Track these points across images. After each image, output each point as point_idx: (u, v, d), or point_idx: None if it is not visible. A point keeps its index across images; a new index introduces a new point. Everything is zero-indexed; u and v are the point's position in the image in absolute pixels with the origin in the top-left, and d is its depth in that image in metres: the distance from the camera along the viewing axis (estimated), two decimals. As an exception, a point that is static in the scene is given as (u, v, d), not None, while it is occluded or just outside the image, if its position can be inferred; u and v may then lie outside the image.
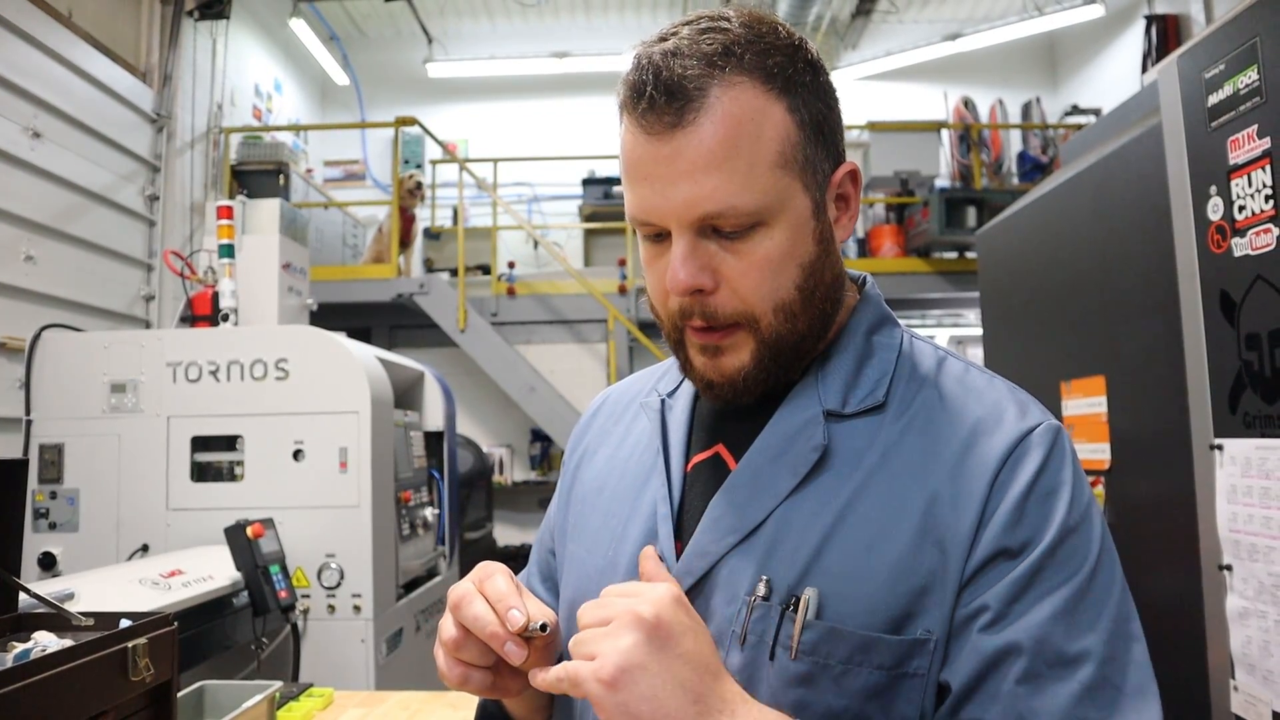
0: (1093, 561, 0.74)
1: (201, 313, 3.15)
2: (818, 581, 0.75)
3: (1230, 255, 1.54)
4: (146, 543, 2.79)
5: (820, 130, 0.80)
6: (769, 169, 0.76)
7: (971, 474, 0.76)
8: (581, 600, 0.90)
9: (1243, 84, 1.50)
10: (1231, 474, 1.55)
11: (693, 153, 0.74)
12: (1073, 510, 0.75)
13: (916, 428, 0.80)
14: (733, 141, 0.74)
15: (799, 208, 0.79)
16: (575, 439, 1.08)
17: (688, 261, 0.77)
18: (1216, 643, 1.58)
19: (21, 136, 4.08)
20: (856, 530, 0.76)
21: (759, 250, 0.77)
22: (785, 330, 0.80)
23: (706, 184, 0.74)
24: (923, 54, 8.23)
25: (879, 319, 0.89)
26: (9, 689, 0.91)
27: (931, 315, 8.28)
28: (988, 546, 0.74)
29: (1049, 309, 2.38)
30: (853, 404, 0.82)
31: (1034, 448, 0.77)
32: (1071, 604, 0.72)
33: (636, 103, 0.76)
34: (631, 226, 0.84)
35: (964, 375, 0.85)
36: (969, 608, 0.73)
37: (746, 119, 0.75)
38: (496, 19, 8.70)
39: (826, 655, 0.73)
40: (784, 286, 0.79)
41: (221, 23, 6.14)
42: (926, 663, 0.73)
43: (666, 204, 0.76)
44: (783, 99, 0.77)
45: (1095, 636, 0.71)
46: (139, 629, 1.11)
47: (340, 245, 7.24)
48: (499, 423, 7.50)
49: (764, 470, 0.81)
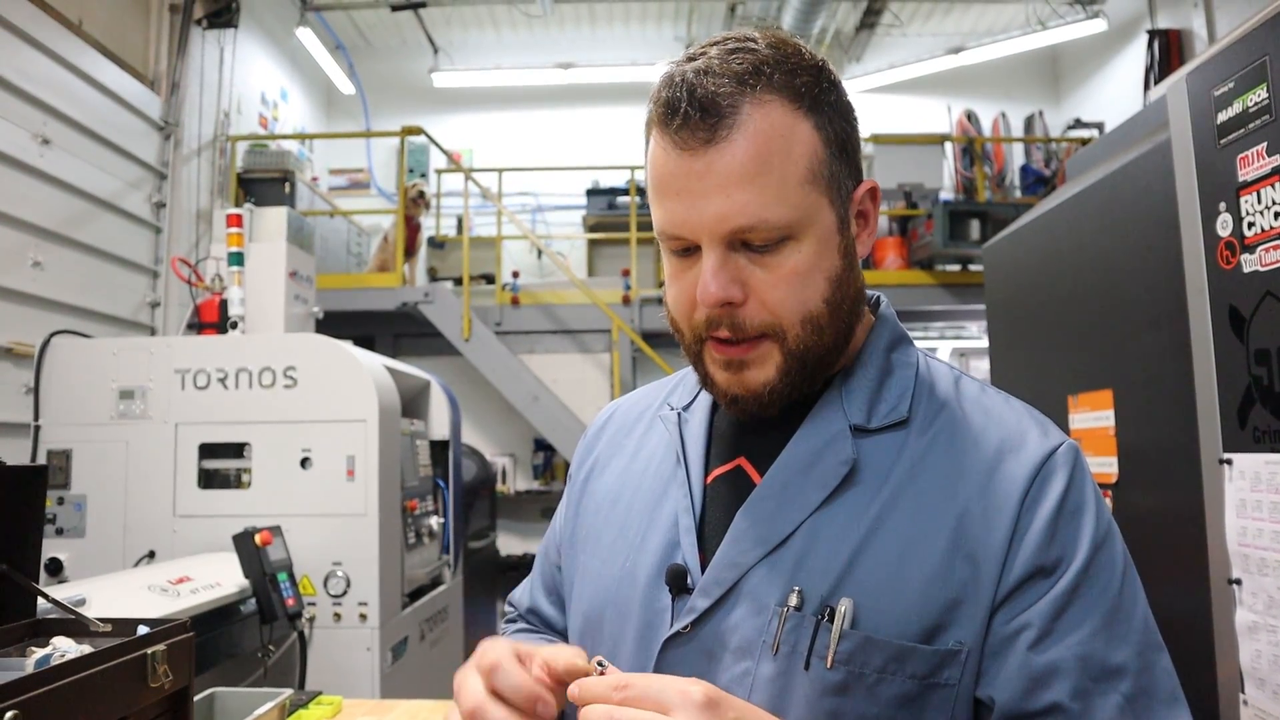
0: (1120, 575, 0.77)
1: (208, 320, 3.16)
2: (851, 592, 0.76)
3: (1240, 271, 1.55)
4: (153, 549, 2.79)
5: (844, 148, 0.82)
6: (799, 184, 0.78)
7: (1001, 491, 0.78)
8: (598, 612, 0.91)
9: (1252, 102, 1.51)
10: (1241, 488, 1.56)
11: (725, 168, 0.76)
12: (1099, 526, 0.78)
13: (942, 444, 0.82)
14: (764, 157, 0.76)
15: (826, 222, 0.81)
16: (584, 451, 1.08)
17: (719, 274, 0.78)
18: (1226, 657, 1.58)
19: (31, 143, 4.10)
20: (888, 542, 0.78)
21: (788, 263, 0.79)
22: (812, 342, 0.81)
23: (739, 198, 0.76)
24: (926, 67, 8.27)
25: (896, 337, 0.91)
26: (33, 694, 0.91)
27: (934, 327, 8.29)
28: (1024, 565, 0.75)
29: (1056, 323, 2.39)
30: (877, 419, 0.84)
31: (1060, 466, 0.79)
32: (1108, 618, 0.75)
33: (670, 119, 0.77)
34: (658, 241, 0.85)
35: (981, 394, 0.87)
36: (1010, 626, 0.75)
37: (777, 135, 0.77)
38: (502, 29, 8.73)
39: (862, 665, 0.74)
40: (812, 299, 0.80)
41: (229, 31, 6.17)
42: (958, 673, 0.74)
43: (699, 218, 0.78)
44: (810, 117, 0.79)
45: (1130, 648, 0.74)
46: (158, 635, 1.12)
47: (345, 253, 7.26)
48: (502, 432, 7.51)
49: (792, 483, 0.82)
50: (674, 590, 0.83)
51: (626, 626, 0.87)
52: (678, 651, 0.81)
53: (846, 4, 7.96)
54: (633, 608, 0.87)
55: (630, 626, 0.87)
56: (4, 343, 3.83)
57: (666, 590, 0.84)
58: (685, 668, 0.80)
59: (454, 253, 7.43)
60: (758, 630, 0.78)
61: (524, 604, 1.15)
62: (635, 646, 0.85)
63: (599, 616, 0.91)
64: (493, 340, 6.48)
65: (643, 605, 0.86)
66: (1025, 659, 0.73)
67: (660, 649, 0.82)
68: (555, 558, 1.08)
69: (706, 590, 0.81)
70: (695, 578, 0.83)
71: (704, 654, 0.80)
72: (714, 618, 0.80)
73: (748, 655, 0.78)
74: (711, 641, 0.80)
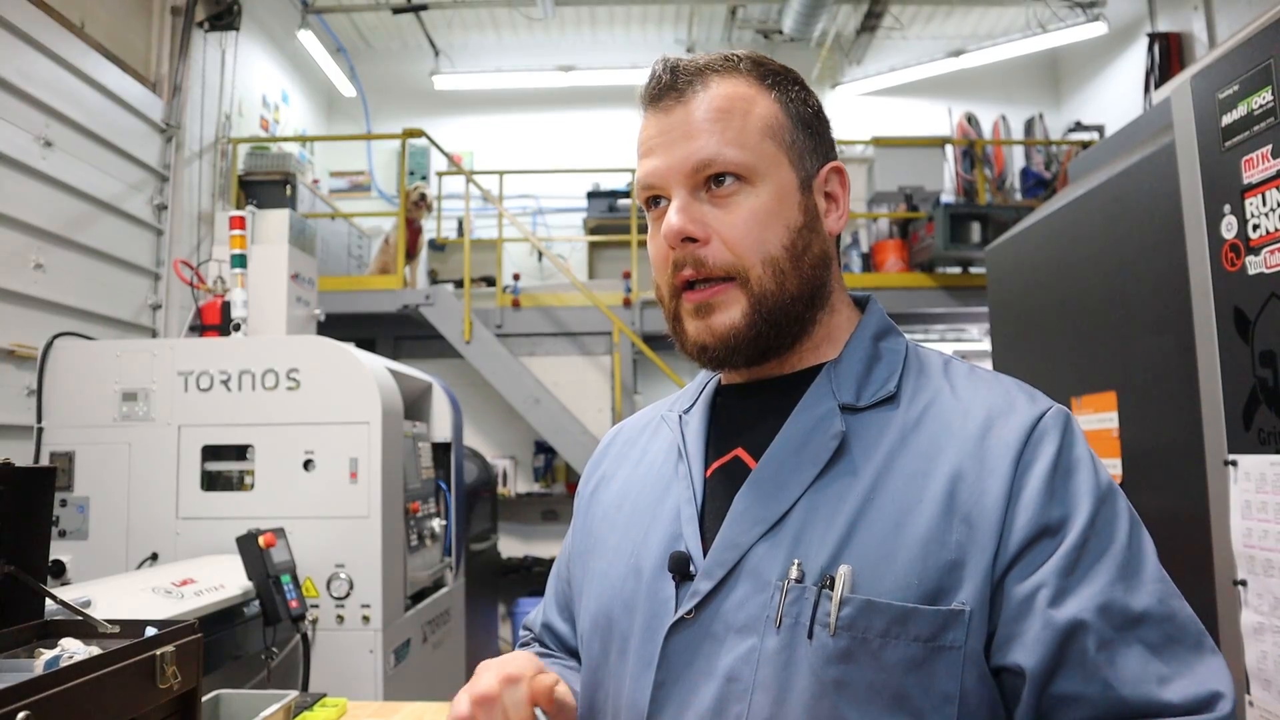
0: (1127, 526, 0.79)
1: (211, 322, 3.16)
2: (850, 560, 0.78)
3: (1244, 273, 1.56)
4: (156, 551, 2.79)
5: (808, 126, 0.91)
6: (756, 134, 0.87)
7: (993, 453, 0.80)
8: (606, 610, 0.92)
9: (1256, 105, 1.52)
10: (1246, 490, 1.56)
11: (690, 117, 0.87)
12: (1098, 483, 0.80)
13: (932, 413, 0.85)
14: (725, 109, 0.87)
15: (784, 178, 0.88)
16: (590, 468, 1.12)
17: (681, 212, 0.87)
18: (1231, 658, 1.58)
19: (33, 145, 4.10)
20: (883, 510, 0.80)
21: (745, 205, 0.86)
22: (774, 287, 0.86)
23: (699, 139, 0.86)
24: (927, 70, 8.28)
25: (884, 328, 0.95)
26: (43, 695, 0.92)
27: (935, 330, 8.29)
28: (1027, 526, 0.77)
29: (1059, 325, 2.40)
30: (866, 397, 0.87)
31: (1050, 428, 0.81)
32: (1122, 568, 0.76)
33: (649, 89, 0.91)
34: (638, 202, 0.95)
35: (970, 371, 0.91)
36: (1024, 587, 0.76)
37: (738, 97, 0.88)
38: (503, 32, 8.74)
39: (864, 629, 0.76)
40: (770, 241, 0.87)
41: (231, 34, 6.16)
42: (962, 635, 0.75)
43: (667, 164, 0.88)
44: (772, 92, 0.90)
45: (1148, 596, 0.76)
46: (167, 636, 1.12)
47: (345, 256, 7.25)
48: (503, 434, 7.50)
49: (786, 463, 0.85)
50: (677, 577, 0.85)
51: (634, 620, 0.88)
52: (682, 637, 0.83)
53: (847, 7, 7.96)
54: (639, 601, 0.88)
55: (637, 620, 0.88)
56: (7, 345, 3.83)
57: (670, 579, 0.85)
58: (691, 652, 0.81)
59: (455, 255, 7.43)
60: (761, 607, 0.80)
61: (538, 624, 1.17)
62: (641, 638, 0.86)
63: (608, 615, 0.92)
64: (494, 343, 6.48)
65: (648, 597, 0.87)
66: (1046, 617, 0.74)
67: (665, 636, 0.83)
68: (567, 575, 1.10)
69: (709, 572, 0.83)
70: (698, 564, 0.84)
71: (708, 637, 0.82)
72: (717, 599, 0.82)
73: (752, 632, 0.80)
74: (715, 623, 0.82)
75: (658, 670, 0.83)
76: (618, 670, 0.89)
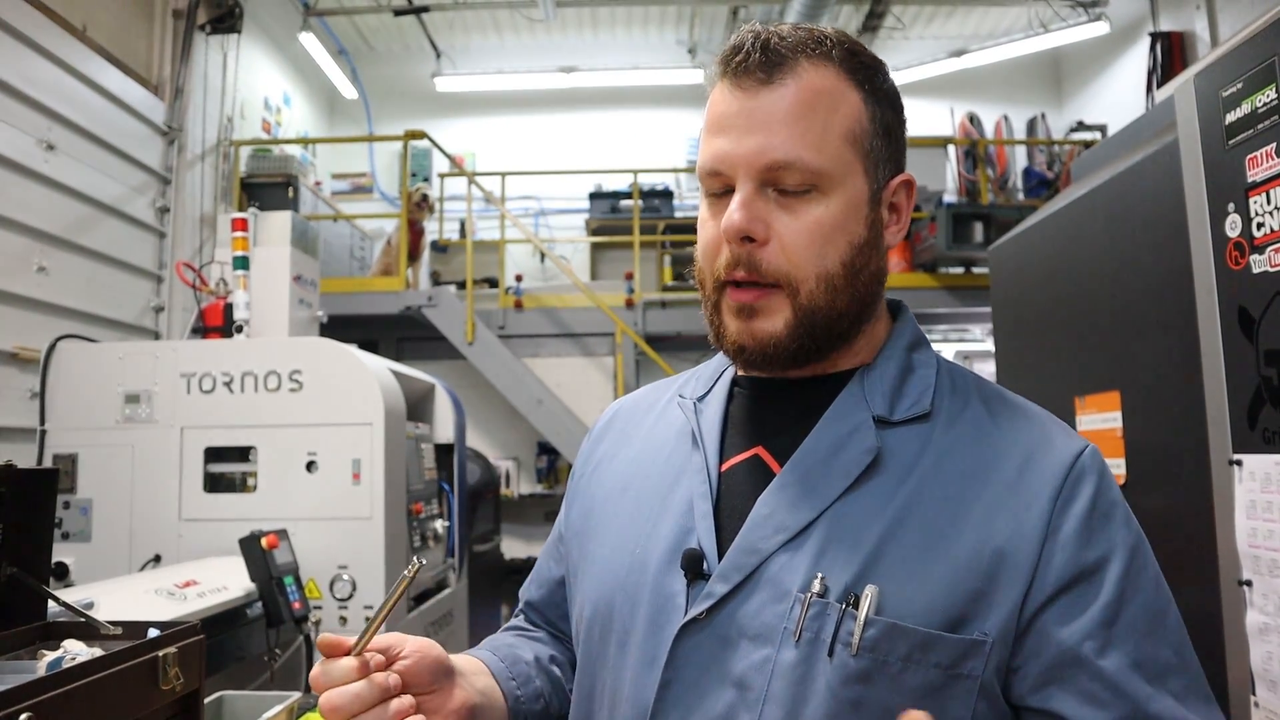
0: (1154, 575, 0.79)
1: (213, 324, 3.16)
2: (877, 580, 0.76)
3: (1249, 272, 1.55)
4: (159, 553, 2.79)
5: (889, 132, 0.87)
6: (838, 138, 0.82)
7: (1032, 489, 0.79)
8: (607, 599, 0.90)
9: (1261, 102, 1.51)
10: (1251, 489, 1.55)
11: (773, 107, 0.81)
12: (1130, 528, 0.80)
13: (968, 439, 0.83)
14: (810, 105, 0.81)
15: (857, 188, 0.84)
16: (589, 448, 1.09)
17: (745, 208, 0.81)
18: (1236, 659, 1.57)
19: (36, 148, 4.11)
20: (915, 532, 0.78)
21: (813, 213, 0.82)
22: (824, 302, 0.83)
23: (780, 135, 0.80)
24: (929, 70, 8.27)
25: (917, 339, 0.92)
26: (45, 696, 0.91)
27: (938, 330, 8.28)
28: (1065, 566, 0.76)
29: (1062, 324, 2.39)
30: (900, 412, 0.85)
31: (1089, 469, 0.81)
32: (1155, 619, 0.77)
33: (733, 59, 0.83)
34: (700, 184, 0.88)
35: (1002, 395, 0.89)
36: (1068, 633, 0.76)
37: (826, 92, 0.82)
38: (504, 34, 8.74)
39: (887, 652, 0.74)
40: (830, 256, 0.83)
41: (232, 37, 6.18)
42: (981, 665, 0.74)
43: (739, 152, 0.81)
44: (860, 90, 0.84)
45: (1172, 646, 0.77)
46: (169, 638, 1.12)
47: (348, 258, 7.26)
48: (506, 435, 7.50)
49: (815, 471, 0.82)
50: (689, 576, 0.82)
51: (636, 613, 0.86)
52: (693, 639, 0.80)
53: (849, 7, 7.96)
54: (643, 594, 0.86)
55: (640, 613, 0.85)
56: (10, 347, 3.84)
57: (680, 576, 0.83)
58: (700, 655, 0.80)
59: (457, 256, 7.44)
60: (778, 617, 0.78)
61: (522, 599, 1.18)
62: (646, 633, 0.84)
63: (608, 604, 0.89)
64: (496, 344, 6.48)
65: (654, 591, 0.85)
66: (1095, 670, 0.74)
67: (675, 636, 0.81)
68: (557, 553, 1.09)
69: (726, 575, 0.80)
70: (712, 564, 0.82)
71: (720, 641, 0.80)
72: (731, 604, 0.80)
73: (767, 642, 0.78)
74: (728, 628, 0.80)
75: (665, 669, 0.81)
76: (617, 663, 0.87)
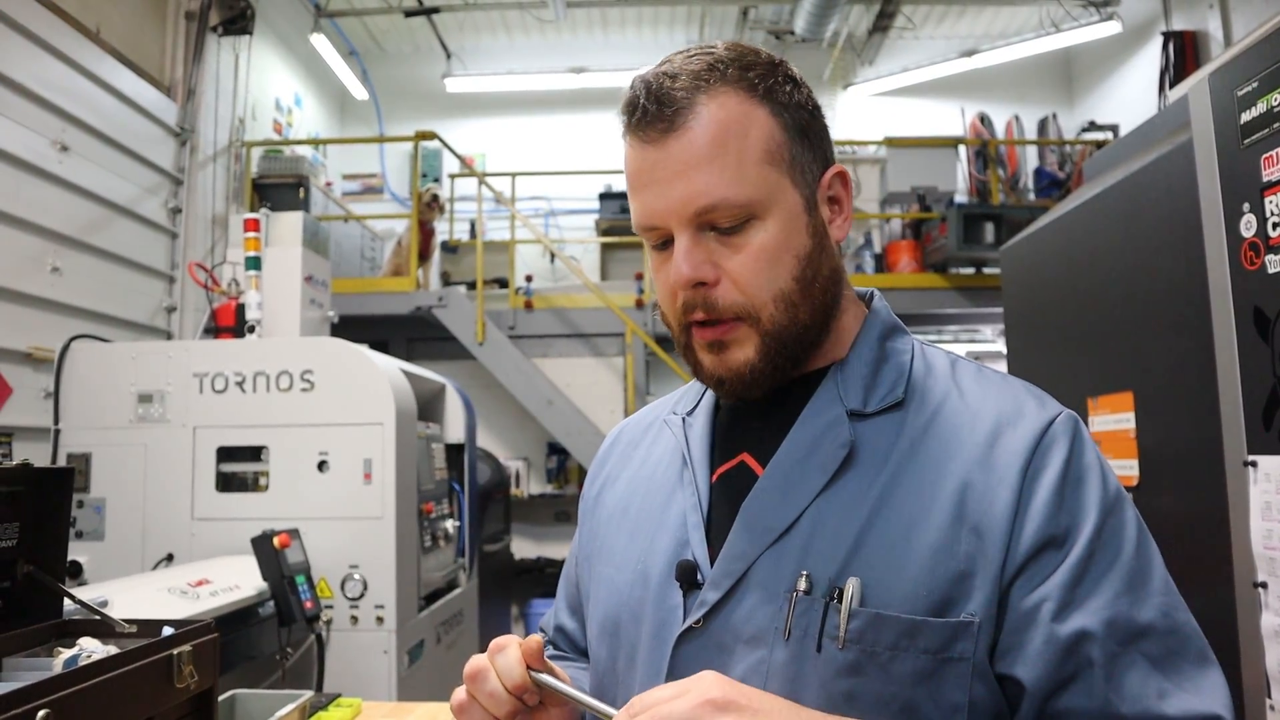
0: (1135, 535, 0.78)
1: (225, 324, 3.18)
2: (858, 572, 0.77)
3: (1264, 272, 1.54)
4: (171, 552, 2.81)
5: (805, 134, 0.85)
6: (757, 164, 0.81)
7: (1002, 462, 0.79)
8: (614, 617, 0.92)
9: (1276, 102, 1.50)
10: (1266, 491, 1.54)
11: (684, 152, 0.81)
12: (1106, 491, 0.79)
13: (940, 421, 0.83)
14: (721, 140, 0.80)
15: (790, 202, 0.84)
16: (595, 469, 1.10)
17: (689, 255, 0.82)
18: (1251, 661, 1.56)
19: (49, 150, 4.14)
20: (892, 520, 0.78)
21: (754, 242, 0.82)
22: (786, 321, 0.84)
23: (700, 179, 0.80)
24: (939, 70, 8.25)
25: (890, 327, 0.92)
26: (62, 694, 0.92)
27: (948, 331, 8.26)
28: (1034, 536, 0.76)
29: (1075, 325, 2.38)
30: (874, 403, 0.85)
31: (1060, 435, 0.80)
32: (1127, 581, 0.75)
33: (632, 115, 0.84)
34: (639, 239, 0.88)
35: (979, 374, 0.89)
36: (1029, 601, 0.75)
37: (732, 121, 0.81)
38: (515, 34, 8.76)
39: (873, 642, 0.75)
40: (782, 277, 0.83)
41: (244, 38, 6.20)
42: (971, 646, 0.74)
43: (666, 204, 0.82)
44: (765, 104, 0.83)
45: (1154, 608, 0.75)
46: (183, 636, 1.12)
47: (358, 258, 7.28)
48: (516, 436, 7.51)
49: (793, 471, 0.83)
50: (685, 586, 0.84)
51: (641, 628, 0.88)
52: (690, 647, 0.82)
53: (859, 7, 7.95)
54: (646, 609, 0.88)
55: (645, 628, 0.87)
56: (24, 347, 3.86)
57: (677, 588, 0.84)
58: (699, 663, 0.80)
59: (467, 257, 7.45)
60: (770, 618, 0.79)
61: (551, 626, 1.17)
62: (650, 646, 0.86)
63: (615, 621, 0.92)
64: (506, 344, 6.49)
65: (655, 605, 0.87)
66: (1050, 631, 0.73)
67: (673, 645, 0.83)
68: (574, 576, 1.10)
69: (716, 583, 0.82)
70: (705, 573, 0.83)
71: (717, 647, 0.81)
72: (725, 610, 0.81)
73: (761, 644, 0.79)
74: (724, 634, 0.81)
75: (667, 679, 0.82)
76: (626, 677, 0.89)
